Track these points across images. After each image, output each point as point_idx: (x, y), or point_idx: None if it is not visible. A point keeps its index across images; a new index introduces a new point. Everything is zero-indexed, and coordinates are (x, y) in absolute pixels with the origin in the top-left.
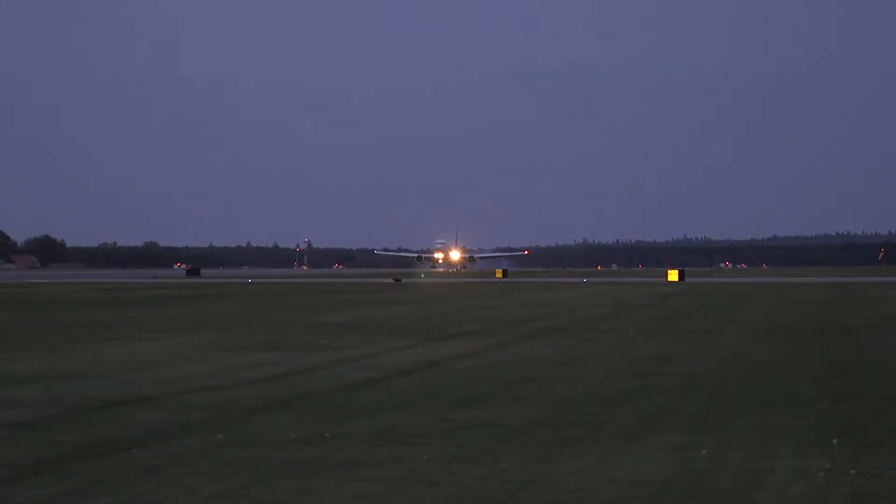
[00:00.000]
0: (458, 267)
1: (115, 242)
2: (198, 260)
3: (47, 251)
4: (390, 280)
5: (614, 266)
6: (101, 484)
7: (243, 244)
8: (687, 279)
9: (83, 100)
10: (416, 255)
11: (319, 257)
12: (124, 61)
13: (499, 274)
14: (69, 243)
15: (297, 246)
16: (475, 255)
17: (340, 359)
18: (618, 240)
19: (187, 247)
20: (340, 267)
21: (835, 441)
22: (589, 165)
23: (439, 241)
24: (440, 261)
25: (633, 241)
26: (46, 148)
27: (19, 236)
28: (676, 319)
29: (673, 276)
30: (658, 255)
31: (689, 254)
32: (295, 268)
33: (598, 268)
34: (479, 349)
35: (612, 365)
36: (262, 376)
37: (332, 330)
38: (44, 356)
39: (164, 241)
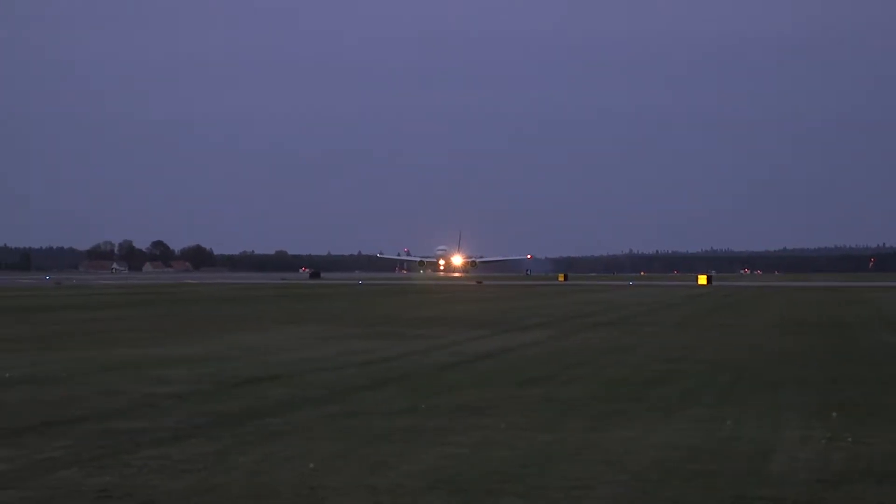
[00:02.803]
0: (461, 271)
1: (252, 250)
2: (319, 265)
3: (198, 257)
4: (473, 282)
5: (713, 272)
6: (240, 445)
7: (355, 253)
8: (713, 283)
9: (229, 139)
10: (418, 259)
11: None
12: (249, 96)
13: (560, 278)
14: (216, 251)
15: (398, 254)
16: (477, 260)
17: (431, 346)
18: (657, 250)
19: (310, 254)
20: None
21: (834, 414)
22: (633, 187)
23: (440, 247)
24: (442, 266)
25: (669, 251)
26: (199, 172)
27: (176, 245)
28: (705, 315)
29: (702, 280)
30: (690, 263)
31: (715, 262)
32: (396, 272)
33: (641, 273)
34: (543, 339)
35: (652, 352)
36: (369, 360)
37: (425, 322)
38: (195, 342)
39: (292, 250)
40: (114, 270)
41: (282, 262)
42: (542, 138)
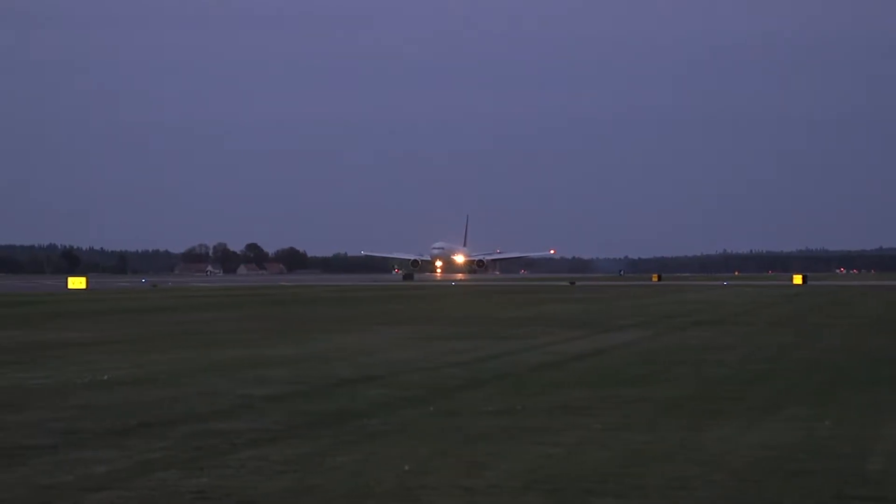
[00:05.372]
0: (466, 271)
1: (345, 252)
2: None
3: (292, 259)
4: (566, 283)
5: (851, 271)
6: (339, 445)
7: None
8: (809, 282)
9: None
10: (412, 259)
11: (508, 265)
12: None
13: (654, 278)
14: (310, 253)
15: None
16: (485, 259)
17: (527, 346)
18: (751, 249)
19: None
20: (525, 272)
21: None
22: (728, 188)
23: (437, 245)
24: (440, 268)
25: (764, 250)
26: (290, 174)
27: (270, 248)
28: (800, 315)
29: (797, 279)
30: (785, 263)
31: (811, 261)
32: (489, 273)
33: (736, 273)
34: (639, 339)
35: (748, 351)
36: (465, 360)
37: (519, 322)
38: (291, 343)
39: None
40: (209, 273)
41: (375, 264)
42: (637, 134)
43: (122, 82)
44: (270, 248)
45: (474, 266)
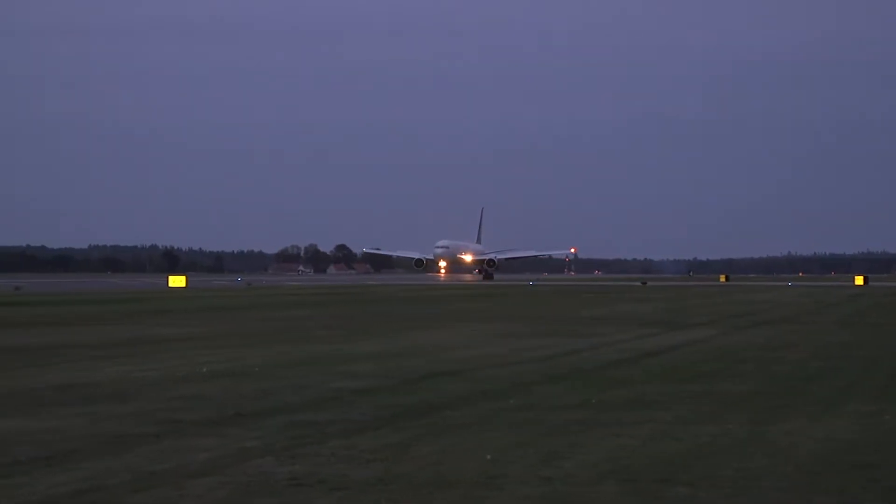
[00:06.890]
0: (475, 271)
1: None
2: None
3: (378, 260)
4: (638, 283)
5: None
6: (423, 436)
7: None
8: (870, 283)
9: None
10: (416, 258)
11: (583, 265)
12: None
13: (722, 278)
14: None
15: (566, 256)
16: (496, 258)
17: (601, 343)
18: (815, 252)
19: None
20: (599, 273)
21: None
22: (791, 191)
23: (440, 243)
24: (444, 268)
25: (826, 253)
26: (377, 177)
27: (358, 249)
28: (862, 314)
29: (859, 280)
30: (847, 264)
31: (872, 263)
32: (565, 273)
33: (800, 274)
34: (708, 336)
35: (812, 349)
36: (542, 356)
37: (595, 321)
38: (378, 339)
39: None
40: (300, 272)
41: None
42: (700, 139)
43: (208, 89)
44: (358, 250)
45: (484, 266)
